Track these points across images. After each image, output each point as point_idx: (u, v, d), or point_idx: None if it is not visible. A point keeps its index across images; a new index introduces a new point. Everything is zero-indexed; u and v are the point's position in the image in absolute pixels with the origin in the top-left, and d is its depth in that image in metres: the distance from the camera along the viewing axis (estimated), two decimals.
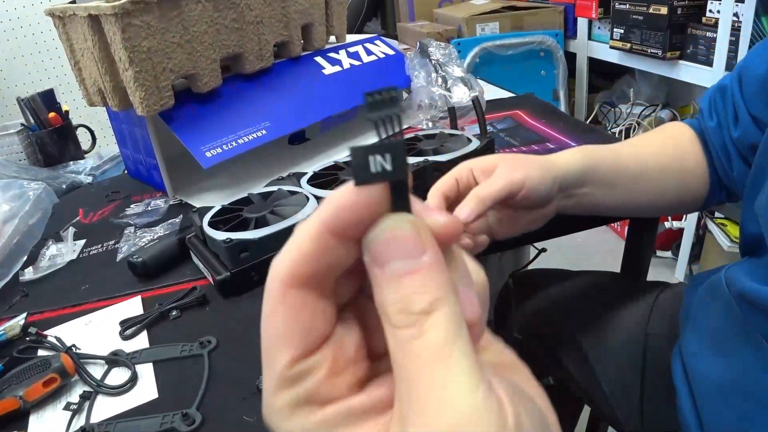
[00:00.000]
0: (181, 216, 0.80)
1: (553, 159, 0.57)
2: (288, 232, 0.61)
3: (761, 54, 0.56)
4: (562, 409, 0.90)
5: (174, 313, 0.58)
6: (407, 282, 0.17)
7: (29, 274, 0.71)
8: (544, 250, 1.05)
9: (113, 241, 0.77)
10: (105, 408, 0.48)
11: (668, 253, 1.99)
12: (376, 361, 0.20)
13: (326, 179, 0.70)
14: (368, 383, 0.19)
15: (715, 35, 1.57)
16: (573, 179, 0.57)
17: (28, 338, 0.57)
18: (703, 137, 0.64)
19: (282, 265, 0.18)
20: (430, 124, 0.95)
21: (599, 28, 2.15)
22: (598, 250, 2.05)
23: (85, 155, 1.21)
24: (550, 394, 0.20)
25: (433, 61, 1.03)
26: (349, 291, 0.20)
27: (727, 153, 0.61)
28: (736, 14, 1.51)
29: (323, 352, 0.18)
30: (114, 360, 0.53)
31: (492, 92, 1.23)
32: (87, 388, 0.50)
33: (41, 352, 0.55)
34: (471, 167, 0.54)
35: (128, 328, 0.57)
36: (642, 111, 2.11)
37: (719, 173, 0.64)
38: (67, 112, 1.19)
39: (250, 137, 0.81)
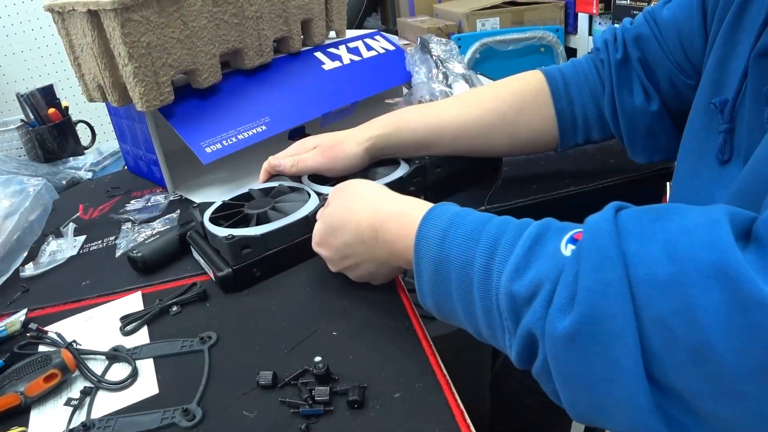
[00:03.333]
0: (180, 211, 0.80)
1: (365, 131, 0.67)
2: (289, 228, 0.61)
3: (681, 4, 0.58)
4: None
5: (174, 308, 0.58)
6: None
7: (29, 270, 0.71)
8: None
9: (113, 237, 0.77)
10: (106, 403, 0.48)
11: None
12: None
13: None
14: None
15: None
16: (381, 149, 0.68)
17: (28, 334, 0.57)
18: (563, 84, 0.66)
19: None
20: None
21: (600, 23, 2.15)
22: None
23: (85, 151, 1.21)
24: None
25: (434, 57, 1.03)
26: None
27: (630, 87, 0.62)
28: None
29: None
30: (114, 356, 0.53)
31: None
32: (88, 384, 0.50)
33: (42, 348, 0.55)
34: (306, 146, 0.69)
35: (129, 323, 0.57)
36: None
37: (586, 116, 0.67)
38: (66, 107, 1.18)
39: (250, 132, 0.80)
